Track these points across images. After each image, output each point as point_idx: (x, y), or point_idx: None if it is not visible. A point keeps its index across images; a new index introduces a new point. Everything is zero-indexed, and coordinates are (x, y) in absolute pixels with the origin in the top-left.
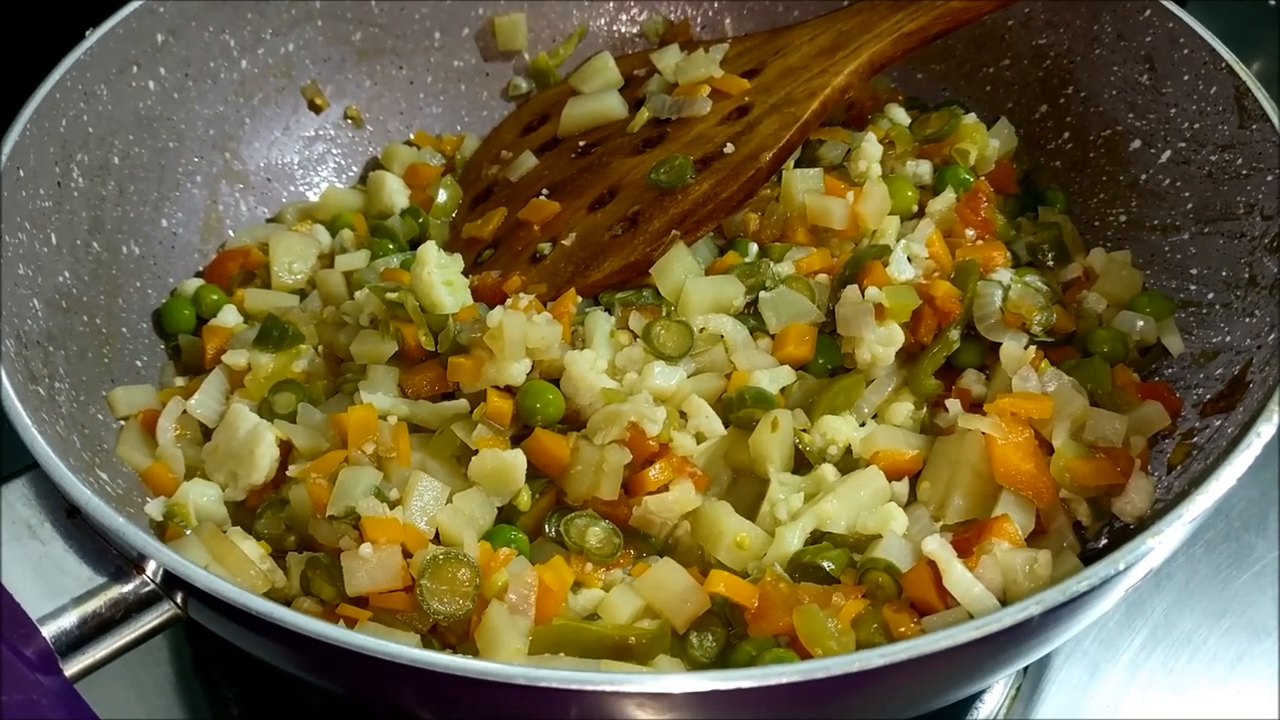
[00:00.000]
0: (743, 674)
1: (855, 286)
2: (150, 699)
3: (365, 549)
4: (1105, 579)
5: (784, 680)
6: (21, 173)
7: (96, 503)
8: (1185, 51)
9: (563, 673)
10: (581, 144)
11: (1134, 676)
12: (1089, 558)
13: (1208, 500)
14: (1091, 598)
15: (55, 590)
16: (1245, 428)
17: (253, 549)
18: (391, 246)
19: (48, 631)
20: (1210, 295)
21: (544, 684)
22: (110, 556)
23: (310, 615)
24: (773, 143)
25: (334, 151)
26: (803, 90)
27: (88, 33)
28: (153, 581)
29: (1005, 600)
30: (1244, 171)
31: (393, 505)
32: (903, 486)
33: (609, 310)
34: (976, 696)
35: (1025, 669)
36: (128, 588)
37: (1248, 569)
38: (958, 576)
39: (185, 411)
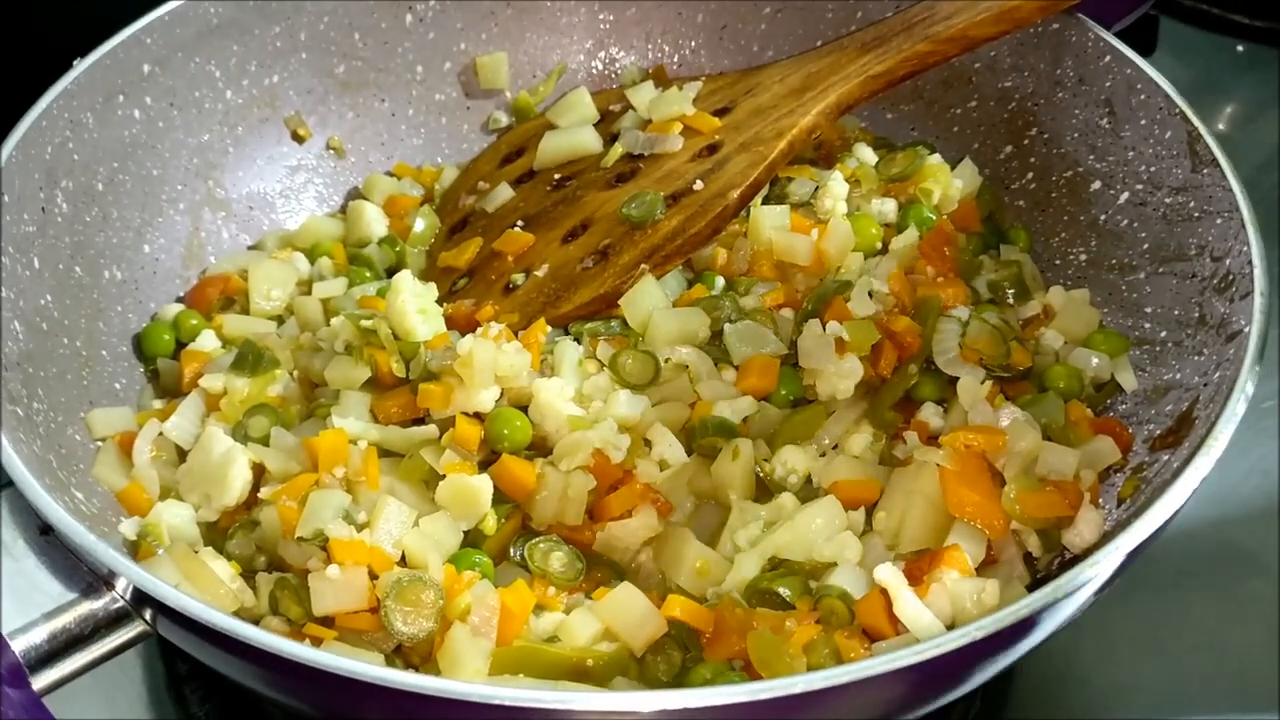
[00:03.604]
0: (690, 694)
1: (817, 321)
2: (123, 716)
3: (332, 570)
4: (1040, 608)
5: (730, 700)
6: (6, 199)
7: (69, 521)
8: (1142, 97)
9: (515, 691)
10: (557, 177)
11: None
12: (1039, 587)
13: (1143, 532)
14: (1029, 625)
15: (26, 606)
16: (1186, 462)
17: (223, 569)
18: (368, 274)
19: (18, 646)
20: (1163, 334)
21: (497, 702)
22: (81, 573)
23: (277, 634)
24: (740, 181)
25: (315, 181)
26: (771, 130)
27: (75, 63)
28: (122, 598)
29: (953, 628)
30: (1195, 214)
31: (360, 528)
32: (859, 516)
33: (578, 340)
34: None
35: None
36: (98, 604)
37: None
38: (907, 604)
39: (161, 434)
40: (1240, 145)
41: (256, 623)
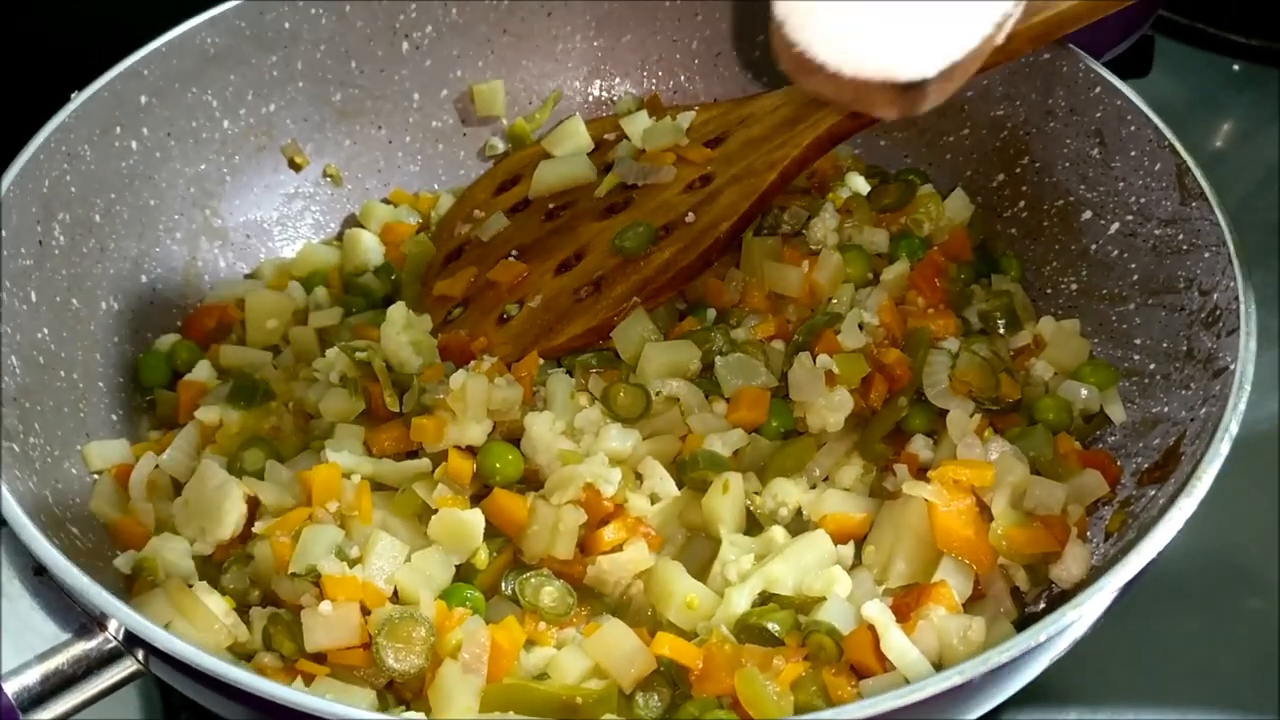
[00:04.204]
0: None
1: (808, 353)
2: None
3: (325, 606)
4: (1026, 650)
5: None
6: (3, 233)
7: (62, 562)
8: (1132, 128)
9: None
10: (551, 206)
11: None
12: (1028, 621)
13: (1128, 573)
14: (1015, 666)
15: (19, 647)
16: (1171, 501)
17: (217, 604)
18: (364, 303)
19: (10, 688)
20: (1152, 366)
21: None
22: (75, 613)
23: (270, 671)
24: (731, 213)
25: (312, 208)
26: (763, 161)
27: (72, 96)
28: (115, 639)
29: (940, 665)
30: (1184, 247)
31: (353, 563)
32: (848, 549)
33: (569, 372)
34: None
35: None
36: (91, 644)
37: None
38: (894, 641)
39: (158, 466)
40: (1237, 164)
41: (250, 658)
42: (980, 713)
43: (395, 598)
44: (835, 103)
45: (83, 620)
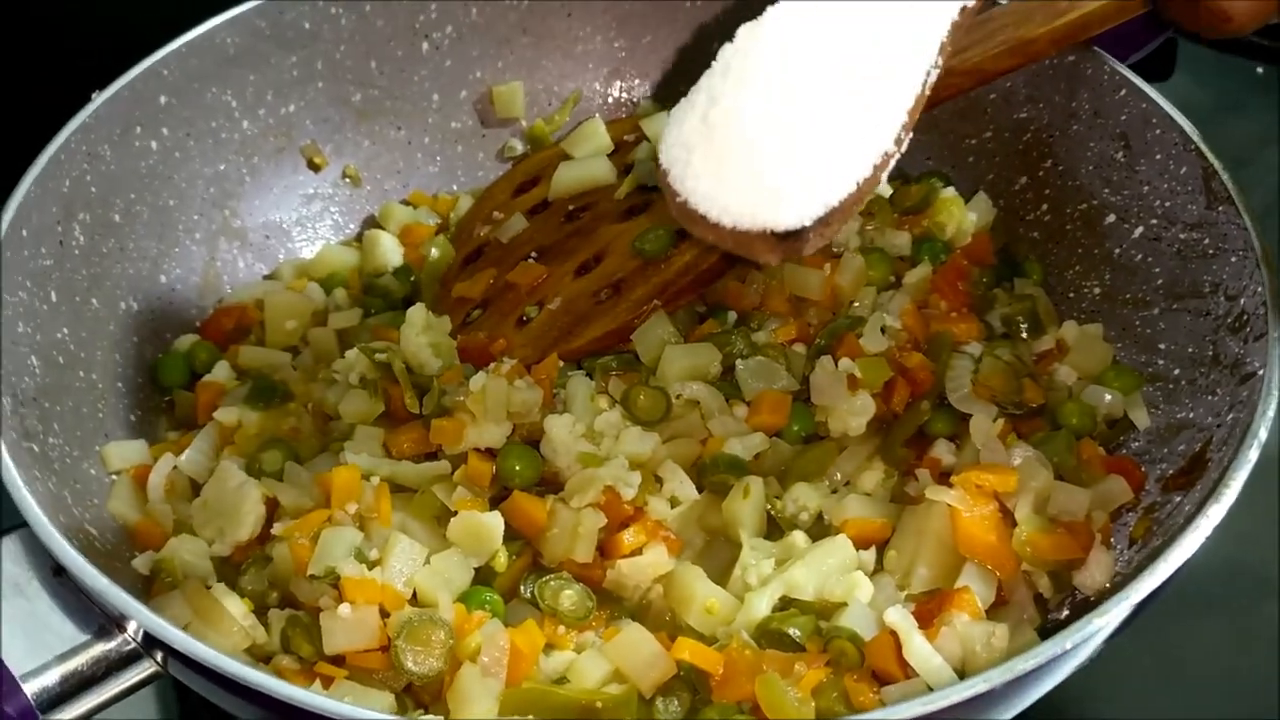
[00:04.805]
0: None
1: (829, 357)
2: None
3: (344, 609)
4: (1051, 657)
5: None
6: (24, 233)
7: (81, 563)
8: (1157, 132)
9: None
10: (570, 208)
11: None
12: (1051, 627)
13: (1154, 581)
14: (1040, 674)
15: (39, 648)
16: (1199, 509)
17: (236, 606)
18: (383, 304)
19: (30, 689)
20: (1177, 371)
21: None
22: (94, 614)
23: (288, 673)
24: None
25: (331, 209)
26: None
27: (93, 95)
28: (134, 640)
29: (963, 672)
30: (1210, 251)
31: (372, 565)
32: (870, 555)
33: (589, 375)
34: None
35: None
36: (110, 645)
37: None
38: (917, 648)
39: (176, 467)
40: (1259, 168)
41: (268, 660)
42: None
43: (414, 600)
44: (721, 248)
45: (102, 621)
